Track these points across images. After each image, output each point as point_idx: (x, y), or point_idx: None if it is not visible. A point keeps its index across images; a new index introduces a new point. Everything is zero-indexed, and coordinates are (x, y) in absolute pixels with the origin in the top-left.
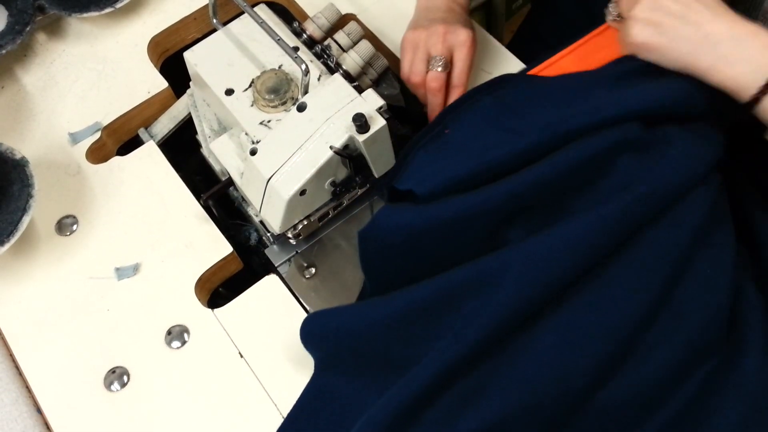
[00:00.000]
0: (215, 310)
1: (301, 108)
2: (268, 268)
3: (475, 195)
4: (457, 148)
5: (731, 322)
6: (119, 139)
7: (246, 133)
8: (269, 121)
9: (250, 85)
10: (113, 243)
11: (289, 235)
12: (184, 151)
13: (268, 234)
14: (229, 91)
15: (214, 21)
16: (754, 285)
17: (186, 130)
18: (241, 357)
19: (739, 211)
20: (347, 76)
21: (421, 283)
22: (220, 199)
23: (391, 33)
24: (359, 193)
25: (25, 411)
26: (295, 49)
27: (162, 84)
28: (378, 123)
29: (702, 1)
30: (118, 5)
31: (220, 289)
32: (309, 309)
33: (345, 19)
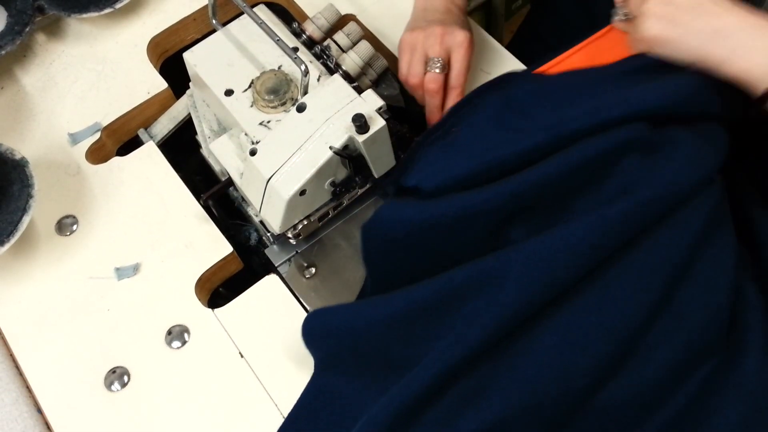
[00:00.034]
0: (215, 310)
1: (300, 108)
2: (268, 268)
3: (478, 193)
4: (464, 147)
5: (731, 322)
6: (119, 140)
7: (246, 134)
8: (269, 121)
9: (250, 86)
10: (113, 243)
11: (289, 235)
12: (184, 151)
13: (268, 234)
14: (228, 92)
15: (214, 21)
16: (754, 285)
17: (186, 130)
18: (242, 357)
19: (739, 210)
20: (347, 77)
21: (422, 283)
22: (220, 199)
23: (391, 33)
24: (359, 193)
25: (26, 411)
26: (295, 49)
27: (162, 84)
28: (377, 123)
29: None
30: (118, 6)
31: (220, 289)
32: (309, 309)
33: (344, 19)
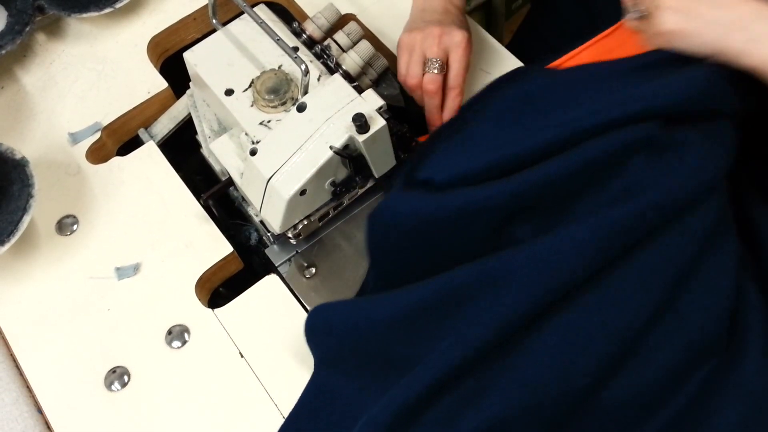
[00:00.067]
0: (215, 309)
1: (300, 108)
2: (269, 268)
3: (483, 188)
4: (477, 142)
5: (732, 322)
6: (119, 140)
7: (246, 134)
8: (269, 121)
9: (250, 86)
10: (113, 243)
11: (290, 235)
12: (184, 151)
13: (269, 234)
14: (228, 92)
15: (214, 21)
16: (754, 285)
17: (186, 130)
18: (242, 357)
19: (740, 209)
20: (347, 77)
21: (424, 282)
22: (220, 199)
23: (391, 33)
24: (359, 193)
25: (26, 411)
26: (295, 49)
27: (162, 84)
28: (378, 123)
29: None
30: (118, 5)
31: (220, 288)
32: (309, 309)
33: (345, 19)
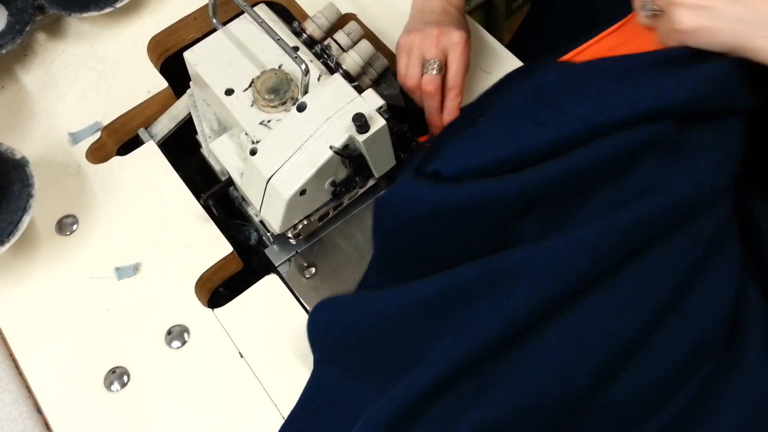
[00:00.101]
0: (215, 309)
1: (301, 108)
2: (268, 268)
3: (492, 183)
4: (489, 135)
5: (732, 323)
6: (119, 139)
7: (246, 133)
8: (269, 121)
9: (250, 85)
10: (113, 243)
11: (289, 235)
12: (184, 151)
13: (268, 234)
14: (229, 91)
15: (214, 21)
16: (755, 285)
17: (186, 130)
18: (242, 357)
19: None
20: (347, 76)
21: (427, 280)
22: (220, 198)
23: (391, 33)
24: (359, 193)
25: (25, 411)
26: (295, 48)
27: (162, 84)
28: (378, 123)
29: None
30: (118, 5)
31: (220, 288)
32: (309, 309)
33: (345, 18)
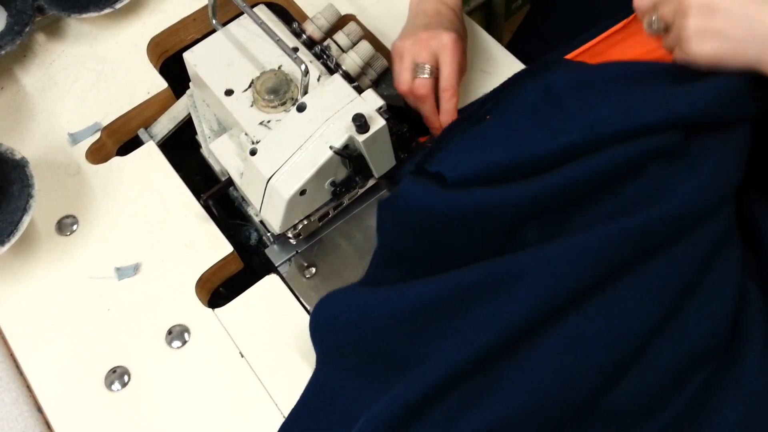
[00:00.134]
0: (216, 309)
1: (300, 108)
2: (269, 268)
3: (499, 190)
4: (495, 138)
5: (733, 324)
6: (119, 140)
7: (246, 134)
8: (269, 121)
9: (250, 86)
10: (113, 243)
11: (289, 235)
12: (184, 151)
13: (269, 234)
14: (228, 92)
15: (214, 22)
16: (755, 285)
17: (186, 130)
18: (242, 357)
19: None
20: (347, 77)
21: (429, 281)
22: (220, 199)
23: (391, 33)
24: (359, 193)
25: (26, 410)
26: (295, 49)
27: (162, 84)
28: (378, 123)
29: None
30: (118, 6)
31: (220, 288)
32: (309, 308)
33: (344, 19)
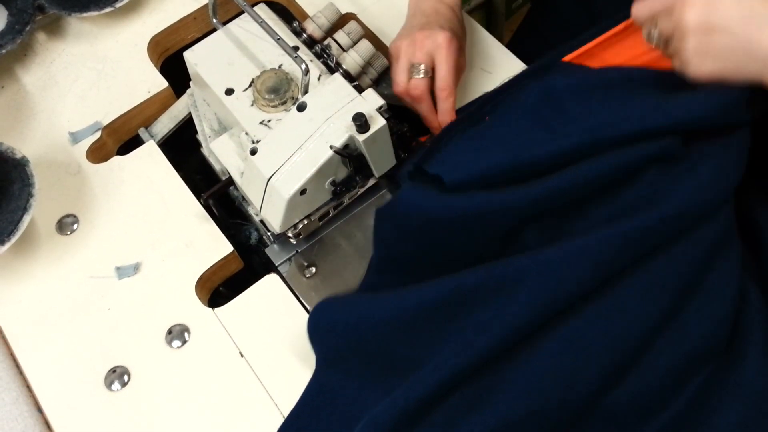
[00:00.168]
0: (216, 309)
1: (301, 108)
2: (269, 268)
3: (498, 194)
4: (496, 140)
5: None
6: (119, 139)
7: (246, 133)
8: (269, 120)
9: (250, 85)
10: (114, 242)
11: (290, 235)
12: (185, 150)
13: (269, 233)
14: (229, 91)
15: (214, 20)
16: (755, 285)
17: (186, 129)
18: (242, 356)
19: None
20: (347, 76)
21: (429, 284)
22: (220, 198)
23: (392, 32)
24: (359, 193)
25: (26, 410)
26: (295, 48)
27: (162, 83)
28: (378, 122)
29: (749, 8)
30: (118, 5)
31: (220, 288)
32: (309, 308)
33: (345, 18)
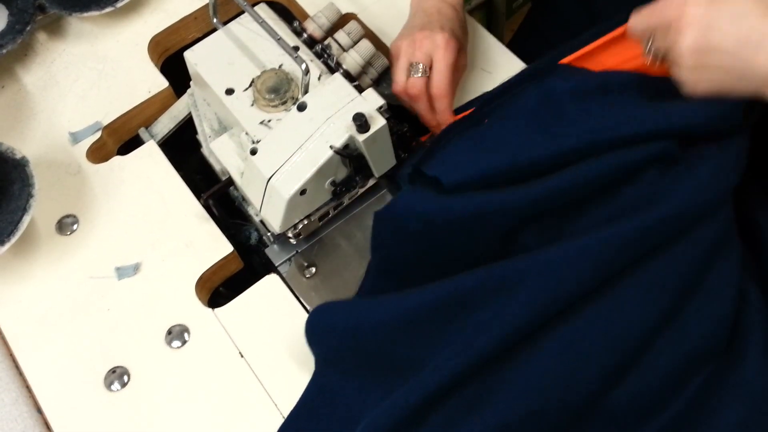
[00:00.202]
0: (215, 309)
1: (301, 107)
2: (269, 268)
3: (497, 195)
4: (495, 142)
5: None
6: (120, 139)
7: (246, 133)
8: (269, 120)
9: (251, 85)
10: (114, 242)
11: (290, 235)
12: (185, 150)
13: (269, 233)
14: (229, 91)
15: (215, 20)
16: (755, 285)
17: (186, 129)
18: (242, 357)
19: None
20: (347, 76)
21: (428, 286)
22: (220, 198)
23: (392, 32)
24: (359, 193)
25: (26, 411)
26: (296, 48)
27: (162, 83)
28: (378, 122)
29: (747, 29)
30: (119, 4)
31: (220, 288)
32: (309, 308)
33: (345, 18)
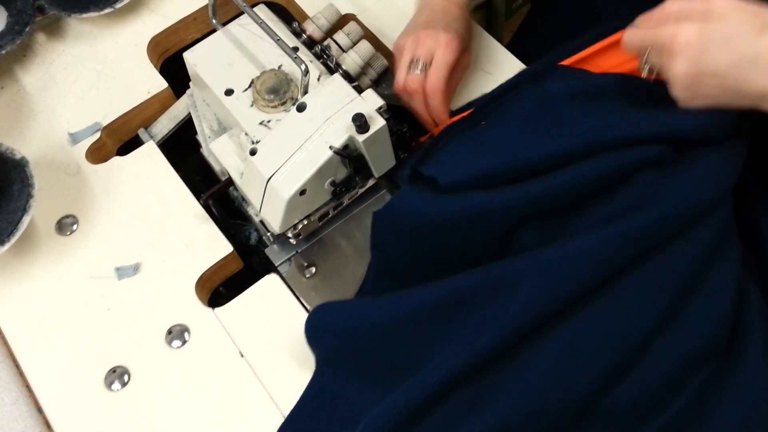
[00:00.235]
0: (216, 309)
1: (300, 108)
2: (269, 268)
3: (494, 194)
4: (491, 144)
5: (733, 324)
6: (119, 139)
7: (246, 133)
8: (269, 121)
9: (250, 86)
10: (113, 242)
11: (289, 235)
12: (184, 151)
13: (268, 234)
14: (228, 92)
15: (214, 21)
16: (755, 285)
17: (186, 130)
18: (242, 356)
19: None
20: (347, 76)
21: (428, 286)
22: (220, 198)
23: (391, 33)
24: (359, 193)
25: (26, 410)
26: (295, 49)
27: (162, 84)
28: (378, 123)
29: (740, 52)
30: (118, 5)
31: (220, 288)
32: (309, 308)
33: (345, 19)
